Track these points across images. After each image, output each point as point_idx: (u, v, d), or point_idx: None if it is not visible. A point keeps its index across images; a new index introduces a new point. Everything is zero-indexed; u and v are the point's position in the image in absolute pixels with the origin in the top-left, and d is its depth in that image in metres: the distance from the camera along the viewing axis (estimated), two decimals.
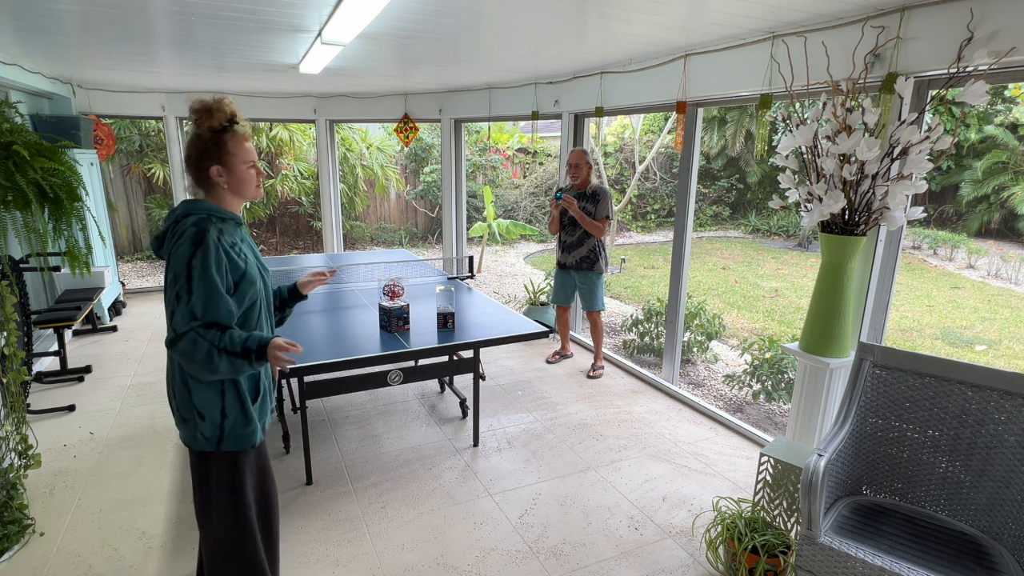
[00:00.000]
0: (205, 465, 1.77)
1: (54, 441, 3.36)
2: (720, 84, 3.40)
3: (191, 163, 1.69)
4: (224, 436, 1.74)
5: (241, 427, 1.76)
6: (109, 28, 3.08)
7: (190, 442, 1.76)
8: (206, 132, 1.66)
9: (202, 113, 1.65)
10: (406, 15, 2.74)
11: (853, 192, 2.52)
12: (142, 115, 6.35)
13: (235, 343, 1.62)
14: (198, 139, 1.67)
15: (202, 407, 1.71)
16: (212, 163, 1.68)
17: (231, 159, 1.69)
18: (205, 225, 1.63)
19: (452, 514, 2.75)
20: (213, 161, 1.68)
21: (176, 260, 1.59)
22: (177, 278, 1.58)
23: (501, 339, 3.08)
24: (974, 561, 1.90)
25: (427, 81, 5.39)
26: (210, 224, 1.64)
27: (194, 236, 1.59)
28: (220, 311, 1.61)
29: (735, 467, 3.20)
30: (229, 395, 1.73)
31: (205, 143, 1.67)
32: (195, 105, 1.66)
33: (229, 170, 1.70)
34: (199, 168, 1.69)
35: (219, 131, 1.67)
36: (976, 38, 2.22)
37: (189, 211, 1.67)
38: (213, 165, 1.68)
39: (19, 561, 2.40)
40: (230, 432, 1.74)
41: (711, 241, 12.34)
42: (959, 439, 2.13)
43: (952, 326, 7.02)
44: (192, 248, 1.58)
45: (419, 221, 11.64)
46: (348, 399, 3.98)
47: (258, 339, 1.66)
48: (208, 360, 1.59)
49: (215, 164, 1.68)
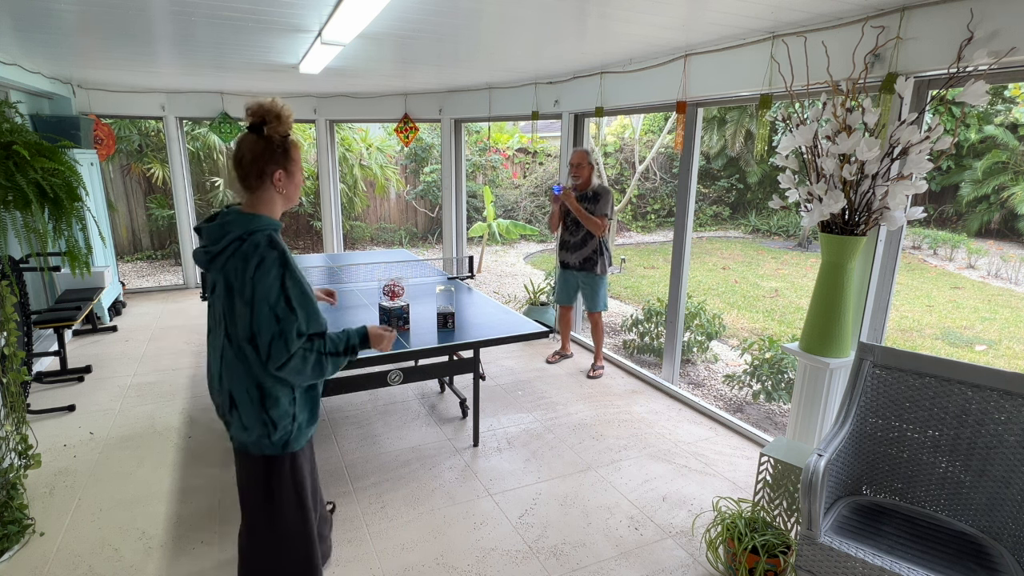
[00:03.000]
0: (271, 468, 1.80)
1: (54, 441, 3.36)
2: (720, 84, 3.40)
3: (254, 165, 1.67)
4: (291, 439, 1.78)
5: (307, 427, 1.82)
6: (109, 28, 3.08)
7: (254, 448, 1.77)
8: (277, 136, 1.68)
9: (274, 117, 1.66)
10: (406, 15, 2.74)
11: (853, 192, 2.52)
12: (142, 115, 6.36)
13: (338, 345, 1.72)
14: (267, 142, 1.67)
15: (277, 417, 1.73)
16: (277, 168, 1.69)
17: (293, 166, 1.72)
18: (280, 243, 1.66)
19: (452, 514, 2.75)
20: (278, 166, 1.69)
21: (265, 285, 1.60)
22: (273, 302, 1.60)
23: (501, 339, 3.08)
24: (974, 561, 1.90)
25: (427, 81, 5.39)
26: (280, 239, 1.68)
27: (278, 258, 1.62)
28: (319, 321, 1.70)
29: (735, 467, 3.20)
30: (300, 401, 1.78)
31: (274, 147, 1.68)
32: (263, 107, 1.66)
33: (289, 176, 1.73)
34: (263, 171, 1.68)
35: (285, 136, 1.70)
36: (976, 38, 2.22)
37: (252, 228, 1.65)
38: (278, 170, 1.69)
39: (19, 561, 2.40)
40: (297, 434, 1.79)
41: (711, 241, 12.34)
42: (959, 439, 2.13)
43: (952, 326, 7.02)
44: (281, 270, 1.61)
45: (419, 221, 11.64)
46: (348, 399, 3.98)
47: (356, 334, 1.77)
48: (318, 367, 1.67)
49: (279, 169, 1.70)
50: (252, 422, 1.72)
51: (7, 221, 2.61)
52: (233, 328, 1.67)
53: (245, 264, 1.61)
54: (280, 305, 1.60)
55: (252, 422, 1.72)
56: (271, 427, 1.73)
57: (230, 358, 1.70)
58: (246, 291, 1.61)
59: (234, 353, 1.69)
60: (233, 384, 1.72)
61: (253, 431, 1.73)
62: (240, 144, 1.70)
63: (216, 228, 1.67)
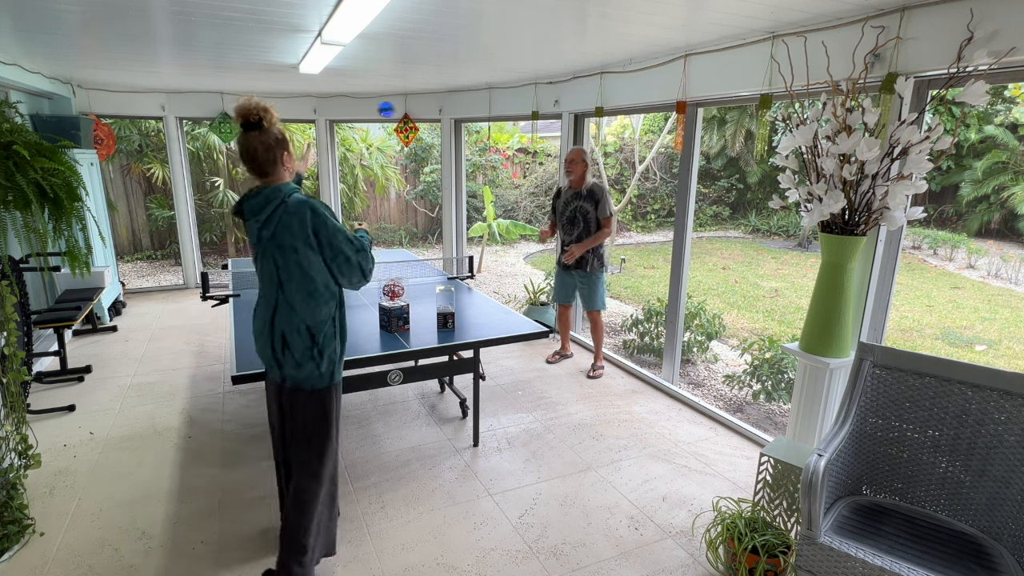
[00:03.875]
0: (324, 400, 2.15)
1: (54, 441, 3.36)
2: (720, 84, 3.40)
3: (270, 152, 2.01)
4: (334, 369, 2.17)
5: (341, 359, 2.20)
6: (109, 28, 3.08)
7: (307, 383, 2.11)
8: (277, 125, 2.03)
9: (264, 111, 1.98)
10: (406, 15, 2.74)
11: (853, 192, 2.52)
12: (142, 115, 6.36)
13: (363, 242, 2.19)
14: (270, 132, 2.01)
15: (323, 345, 2.11)
16: (283, 150, 2.05)
17: (291, 145, 2.10)
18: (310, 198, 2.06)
19: (452, 514, 2.75)
20: (283, 148, 2.05)
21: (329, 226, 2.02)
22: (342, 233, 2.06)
23: (501, 339, 3.08)
24: (974, 561, 1.90)
25: (427, 81, 5.39)
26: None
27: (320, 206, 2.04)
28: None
29: (735, 467, 3.20)
30: (339, 332, 2.17)
31: (276, 135, 2.02)
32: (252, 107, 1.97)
33: (290, 154, 2.10)
34: (277, 155, 2.03)
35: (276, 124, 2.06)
36: (976, 38, 2.22)
37: (290, 192, 2.04)
38: (284, 151, 2.05)
39: (19, 561, 2.40)
40: (337, 365, 2.18)
41: (711, 241, 12.34)
42: (959, 439, 2.13)
43: (952, 326, 7.02)
44: (327, 211, 2.05)
45: (419, 221, 11.64)
46: (348, 399, 3.98)
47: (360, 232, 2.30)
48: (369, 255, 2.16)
49: (284, 151, 2.05)
50: (305, 357, 2.08)
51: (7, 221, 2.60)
52: (288, 281, 2.05)
53: (302, 220, 1.99)
54: (346, 232, 2.07)
55: (305, 357, 2.08)
56: (320, 357, 2.10)
57: (284, 307, 2.07)
58: (312, 240, 2.01)
59: (287, 302, 2.06)
60: (286, 327, 2.07)
61: (304, 366, 2.08)
62: (248, 142, 2.00)
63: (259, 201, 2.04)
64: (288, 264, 2.03)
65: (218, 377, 4.30)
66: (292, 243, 2.00)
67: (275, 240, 2.03)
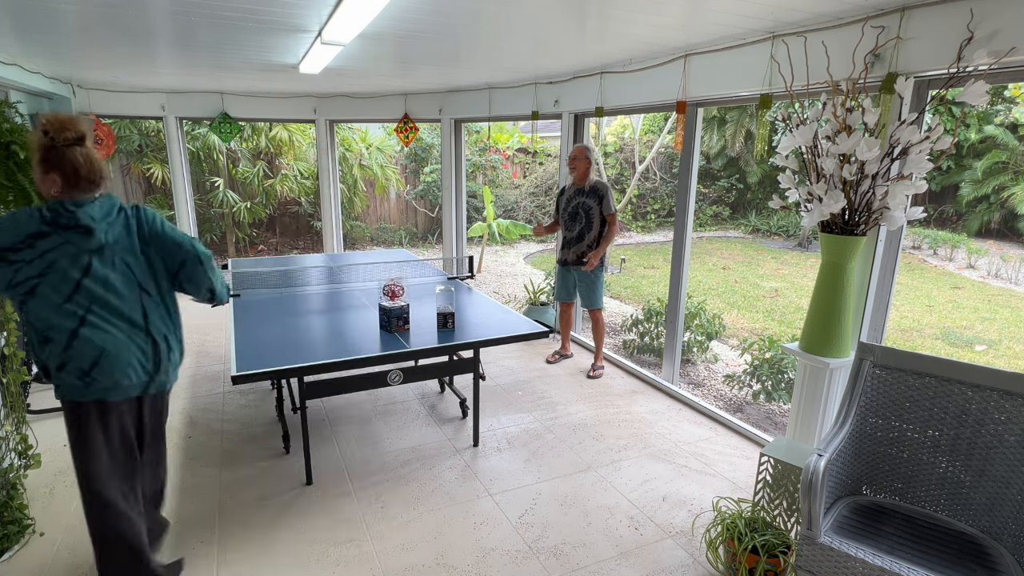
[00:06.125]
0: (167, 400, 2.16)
1: (54, 441, 3.36)
2: (720, 84, 3.40)
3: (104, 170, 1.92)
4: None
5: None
6: (109, 28, 3.08)
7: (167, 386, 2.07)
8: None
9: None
10: (406, 15, 2.74)
11: (853, 192, 2.52)
12: (142, 115, 6.35)
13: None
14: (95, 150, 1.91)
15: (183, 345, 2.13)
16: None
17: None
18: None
19: (452, 514, 2.75)
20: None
21: (172, 229, 2.01)
22: (182, 236, 2.01)
23: (501, 339, 3.08)
24: (974, 561, 1.90)
25: (427, 81, 5.39)
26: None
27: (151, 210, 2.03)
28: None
29: (735, 467, 3.20)
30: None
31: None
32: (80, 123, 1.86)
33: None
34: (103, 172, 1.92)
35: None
36: (976, 38, 2.22)
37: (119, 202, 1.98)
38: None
39: (19, 561, 2.40)
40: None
41: (711, 241, 12.34)
42: (959, 439, 2.13)
43: (952, 326, 7.02)
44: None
45: (419, 221, 11.65)
46: (348, 399, 3.98)
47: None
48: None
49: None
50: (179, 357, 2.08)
51: None
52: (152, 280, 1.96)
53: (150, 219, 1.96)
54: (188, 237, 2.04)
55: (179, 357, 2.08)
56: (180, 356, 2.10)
57: (155, 309, 1.97)
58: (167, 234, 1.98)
59: (157, 303, 1.98)
60: (167, 330, 2.01)
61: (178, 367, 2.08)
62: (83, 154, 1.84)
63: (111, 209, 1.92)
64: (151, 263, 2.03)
65: (218, 377, 4.30)
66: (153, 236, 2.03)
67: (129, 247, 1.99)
